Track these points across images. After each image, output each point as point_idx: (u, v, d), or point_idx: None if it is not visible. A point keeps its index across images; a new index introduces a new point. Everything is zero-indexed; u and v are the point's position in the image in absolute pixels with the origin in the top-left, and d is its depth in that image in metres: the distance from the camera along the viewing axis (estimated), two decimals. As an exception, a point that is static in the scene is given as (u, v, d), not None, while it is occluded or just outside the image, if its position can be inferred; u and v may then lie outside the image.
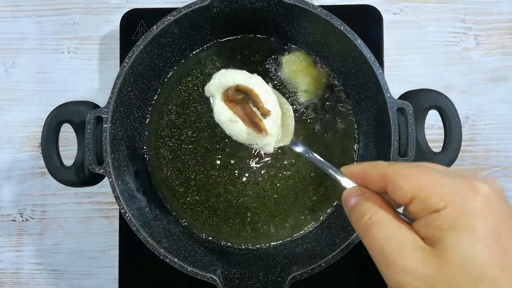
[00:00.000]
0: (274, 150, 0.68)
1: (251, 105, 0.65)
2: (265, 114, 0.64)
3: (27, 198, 1.03)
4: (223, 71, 0.66)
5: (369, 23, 1.00)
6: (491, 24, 1.05)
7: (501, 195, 0.44)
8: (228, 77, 0.65)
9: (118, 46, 1.01)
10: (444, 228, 0.41)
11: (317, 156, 0.61)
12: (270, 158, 0.93)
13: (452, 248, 0.41)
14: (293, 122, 0.68)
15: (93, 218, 1.02)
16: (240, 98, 0.65)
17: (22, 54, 1.06)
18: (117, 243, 0.97)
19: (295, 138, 0.67)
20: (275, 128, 0.66)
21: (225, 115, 0.65)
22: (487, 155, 1.03)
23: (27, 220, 1.02)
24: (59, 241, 1.02)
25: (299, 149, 0.66)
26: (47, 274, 1.02)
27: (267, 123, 0.65)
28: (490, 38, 1.05)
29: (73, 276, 1.02)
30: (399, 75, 1.04)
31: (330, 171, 0.57)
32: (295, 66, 0.94)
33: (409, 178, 0.44)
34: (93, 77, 1.05)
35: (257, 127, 0.64)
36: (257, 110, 0.65)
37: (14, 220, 1.03)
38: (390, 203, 0.48)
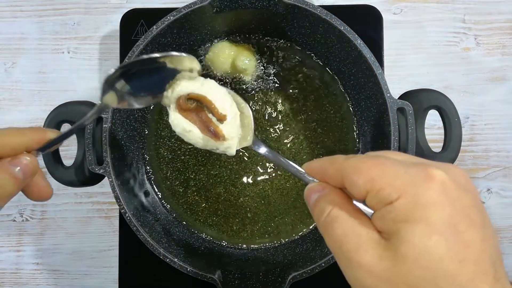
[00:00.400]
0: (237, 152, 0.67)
1: (206, 112, 0.63)
2: (221, 119, 0.63)
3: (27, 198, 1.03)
4: (177, 81, 0.65)
5: (369, 23, 1.00)
6: (491, 24, 1.05)
7: (461, 181, 0.41)
8: (181, 86, 0.63)
9: (118, 46, 1.01)
10: (399, 221, 0.39)
11: (279, 156, 0.60)
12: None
13: (406, 242, 0.38)
14: (252, 122, 0.67)
15: (93, 218, 1.02)
16: (194, 106, 0.63)
17: (22, 54, 1.06)
18: (117, 243, 0.97)
19: (256, 138, 0.66)
20: (234, 131, 0.65)
21: (178, 126, 0.64)
22: (487, 155, 1.03)
23: (27, 220, 1.02)
24: (59, 241, 1.02)
25: (261, 150, 0.64)
26: (47, 274, 1.02)
27: (224, 128, 0.63)
28: (490, 38, 1.05)
29: (73, 276, 1.02)
30: (399, 75, 1.04)
31: (293, 169, 0.56)
32: (222, 58, 0.93)
33: (363, 171, 0.42)
34: (93, 77, 1.05)
35: (214, 135, 0.63)
36: (213, 116, 0.63)
37: (14, 220, 1.03)
38: (351, 198, 0.47)
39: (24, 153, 0.54)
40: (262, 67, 0.94)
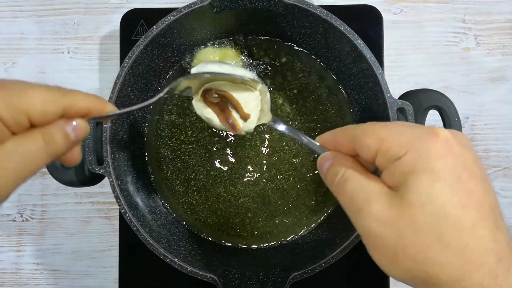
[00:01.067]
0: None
1: (230, 107, 0.66)
2: (245, 118, 0.65)
3: (27, 198, 1.03)
4: (201, 65, 0.66)
5: (369, 23, 0.99)
6: (491, 24, 1.05)
7: (463, 142, 0.44)
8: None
9: (118, 46, 1.01)
10: (406, 173, 0.42)
11: (295, 130, 0.62)
12: (270, 159, 0.93)
13: (412, 189, 0.41)
14: (269, 101, 0.68)
15: (93, 218, 1.02)
16: (217, 101, 0.65)
17: (22, 54, 1.06)
18: (117, 243, 0.97)
19: (274, 117, 0.66)
20: (254, 116, 0.67)
21: (198, 110, 0.67)
22: (487, 155, 1.03)
23: (27, 220, 1.02)
24: (59, 241, 1.02)
25: (278, 125, 0.65)
26: (47, 274, 1.02)
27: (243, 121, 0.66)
28: (490, 38, 1.05)
29: (73, 276, 1.02)
30: (399, 75, 1.04)
31: (306, 141, 0.58)
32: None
33: (372, 133, 0.46)
34: (93, 77, 1.05)
35: (232, 127, 0.65)
36: (236, 113, 0.65)
37: (14, 220, 1.03)
38: (364, 165, 0.50)
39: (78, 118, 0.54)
40: (253, 68, 0.94)
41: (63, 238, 1.02)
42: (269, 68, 0.95)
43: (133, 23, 1.00)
